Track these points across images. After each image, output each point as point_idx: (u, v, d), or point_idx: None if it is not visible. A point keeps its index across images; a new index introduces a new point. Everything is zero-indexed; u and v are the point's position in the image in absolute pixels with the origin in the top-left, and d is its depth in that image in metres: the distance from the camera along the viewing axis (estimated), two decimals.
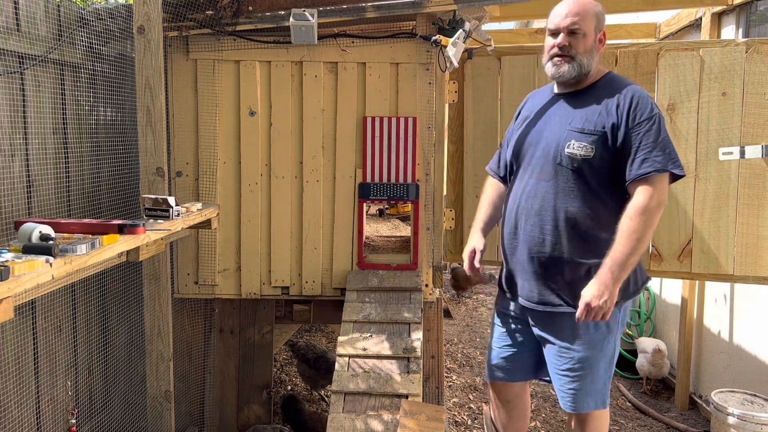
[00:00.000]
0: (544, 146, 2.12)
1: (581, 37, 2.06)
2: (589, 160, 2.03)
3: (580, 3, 2.08)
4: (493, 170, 2.45)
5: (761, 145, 2.85)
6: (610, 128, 2.02)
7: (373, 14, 2.75)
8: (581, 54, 2.07)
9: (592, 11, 2.08)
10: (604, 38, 2.14)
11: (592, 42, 2.08)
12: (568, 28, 2.06)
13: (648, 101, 2.04)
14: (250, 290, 3.03)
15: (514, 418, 2.43)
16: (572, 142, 2.05)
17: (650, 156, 1.97)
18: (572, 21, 2.06)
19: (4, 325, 2.02)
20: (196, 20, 2.76)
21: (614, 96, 2.06)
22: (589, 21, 2.07)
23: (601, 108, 2.05)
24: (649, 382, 4.16)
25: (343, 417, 2.31)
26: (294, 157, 2.97)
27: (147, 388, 2.73)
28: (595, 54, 2.10)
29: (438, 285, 3.04)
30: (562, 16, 2.08)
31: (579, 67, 2.08)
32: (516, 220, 2.18)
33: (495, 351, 2.38)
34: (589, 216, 2.05)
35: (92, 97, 2.54)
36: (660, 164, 1.96)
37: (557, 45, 2.09)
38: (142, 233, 1.96)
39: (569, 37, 2.07)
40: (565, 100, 2.16)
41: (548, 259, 2.10)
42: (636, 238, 1.94)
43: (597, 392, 2.17)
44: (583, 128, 2.05)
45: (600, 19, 2.11)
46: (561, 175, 2.08)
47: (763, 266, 2.91)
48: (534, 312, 2.19)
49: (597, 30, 2.10)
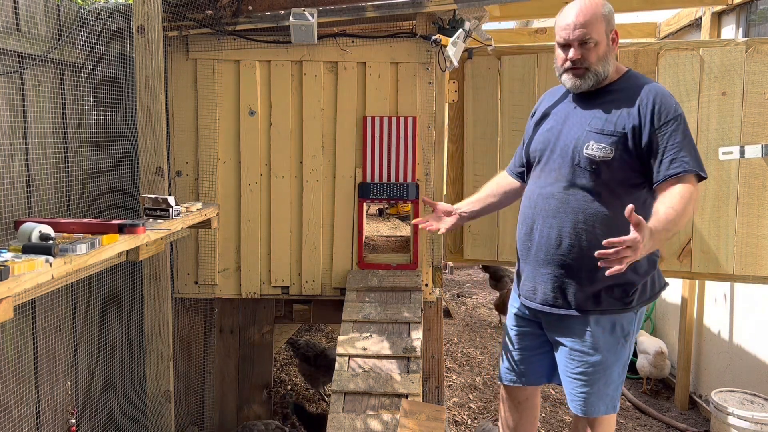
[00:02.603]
0: (561, 147, 2.06)
1: (593, 46, 1.97)
2: (608, 162, 1.97)
3: (587, 9, 1.98)
4: (510, 169, 2.39)
5: (761, 144, 2.85)
6: (630, 129, 1.96)
7: (372, 14, 2.75)
8: (595, 63, 1.99)
9: (600, 15, 1.97)
10: (617, 37, 2.04)
11: (605, 47, 1.99)
12: (578, 40, 1.97)
13: (671, 101, 1.97)
14: (250, 290, 3.03)
15: (524, 421, 2.40)
16: (591, 143, 1.98)
17: (678, 156, 1.91)
18: (582, 33, 1.96)
19: (4, 324, 2.02)
20: (196, 20, 2.76)
21: (636, 96, 1.99)
22: (599, 27, 1.97)
23: (622, 109, 1.99)
24: (649, 382, 4.16)
25: (343, 417, 2.31)
26: (294, 156, 2.97)
27: (147, 387, 2.72)
28: (610, 57, 2.02)
29: (438, 284, 3.04)
30: (570, 27, 1.97)
31: (595, 76, 2.00)
32: (533, 220, 2.12)
33: (508, 353, 2.34)
34: (607, 218, 1.99)
35: (92, 97, 2.54)
36: (689, 165, 1.90)
37: (569, 59, 2.00)
38: (142, 233, 1.96)
39: (581, 49, 1.97)
40: (584, 100, 2.09)
41: (564, 262, 2.05)
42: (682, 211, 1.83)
43: (609, 396, 2.12)
44: (602, 129, 1.99)
45: (609, 19, 2.01)
46: (579, 177, 2.02)
47: (763, 266, 2.91)
48: (548, 315, 2.14)
49: (608, 32, 2.01)
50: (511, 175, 2.38)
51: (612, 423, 2.20)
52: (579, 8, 1.99)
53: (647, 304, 2.14)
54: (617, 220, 1.99)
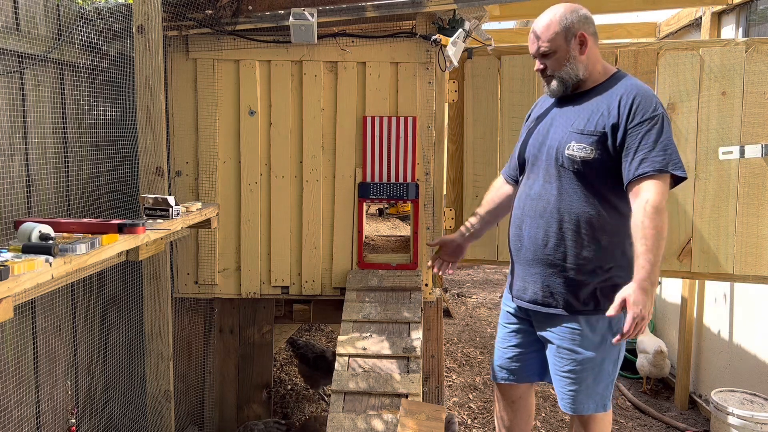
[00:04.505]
0: (547, 149, 2.12)
1: (553, 55, 2.07)
2: (589, 162, 2.01)
3: (544, 20, 2.08)
4: (506, 173, 2.43)
5: (761, 144, 2.84)
6: (610, 128, 1.99)
7: (372, 13, 2.75)
8: (560, 69, 2.08)
9: (556, 24, 2.05)
10: (586, 38, 2.06)
11: (565, 54, 2.06)
12: (538, 53, 2.10)
13: (651, 100, 2.00)
14: (249, 290, 3.03)
15: (519, 420, 2.42)
16: (572, 144, 2.03)
17: (649, 156, 1.93)
18: (538, 46, 2.09)
19: (4, 324, 2.02)
20: (196, 20, 2.76)
21: (617, 95, 2.03)
22: (556, 37, 2.05)
23: (603, 108, 2.03)
24: (648, 382, 4.16)
25: (343, 416, 2.31)
26: (294, 156, 2.97)
27: (147, 387, 2.72)
28: (580, 60, 2.07)
29: (438, 284, 3.04)
30: (531, 41, 2.11)
31: (562, 81, 2.10)
32: (521, 221, 2.17)
33: (500, 351, 2.37)
34: (593, 218, 2.03)
35: (92, 97, 2.54)
36: (659, 164, 1.92)
37: (537, 69, 2.15)
38: (142, 233, 1.96)
39: (543, 60, 2.10)
40: (570, 101, 2.15)
41: (552, 261, 2.09)
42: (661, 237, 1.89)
43: (599, 395, 2.15)
44: (583, 129, 2.03)
45: (569, 26, 2.05)
46: (564, 177, 2.06)
47: (763, 265, 2.91)
48: (537, 313, 2.18)
49: (569, 39, 2.05)
50: (507, 178, 2.42)
51: (606, 422, 2.22)
52: (537, 23, 2.13)
53: None
54: (603, 220, 2.03)
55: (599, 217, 2.03)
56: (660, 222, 1.89)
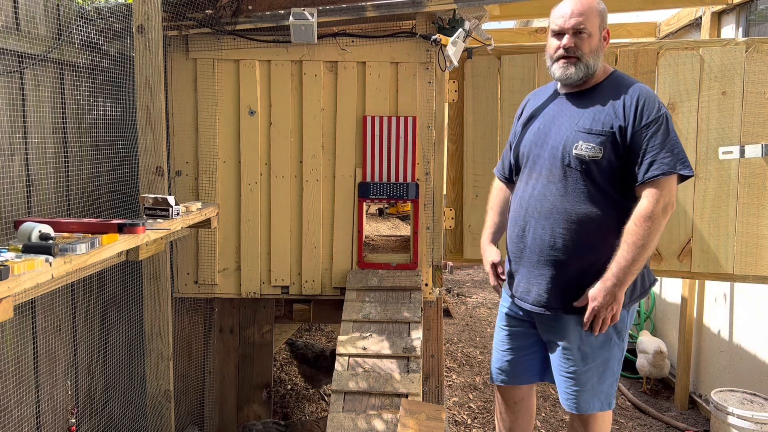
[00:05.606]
0: (551, 148, 2.09)
1: (587, 37, 2.02)
2: (598, 161, 2.00)
3: (583, 1, 2.04)
4: (499, 172, 2.42)
5: (761, 144, 2.84)
6: (618, 129, 1.99)
7: (372, 13, 2.75)
8: (587, 54, 2.03)
9: (596, 9, 2.04)
10: (608, 36, 2.10)
11: (597, 41, 2.04)
12: (573, 29, 2.02)
13: (655, 101, 2.01)
14: (249, 290, 3.03)
15: (520, 421, 2.41)
16: (580, 143, 2.01)
17: (658, 158, 1.94)
18: (577, 21, 2.01)
19: (4, 324, 2.02)
20: (196, 19, 2.76)
21: (620, 96, 2.03)
22: (593, 20, 2.03)
23: (608, 108, 2.02)
24: (648, 382, 4.16)
25: (343, 416, 2.30)
26: (294, 156, 2.97)
27: (147, 387, 2.72)
28: (600, 53, 2.06)
29: (438, 284, 3.04)
30: (566, 16, 2.03)
31: (586, 68, 2.04)
32: (525, 222, 2.14)
33: (499, 353, 2.36)
34: (600, 217, 2.02)
35: (92, 97, 2.54)
36: (668, 166, 1.94)
37: (563, 46, 2.04)
38: (142, 232, 1.96)
39: (574, 38, 2.02)
40: (571, 100, 2.12)
41: (558, 262, 2.07)
42: (641, 245, 1.93)
43: (603, 393, 2.14)
44: (591, 129, 2.02)
45: (603, 17, 2.07)
46: (569, 177, 2.04)
47: (763, 265, 2.91)
48: (541, 315, 2.16)
49: (601, 28, 2.06)
50: (501, 179, 2.41)
51: (607, 420, 2.21)
52: (569, 2, 2.06)
53: (638, 300, 2.16)
54: (609, 220, 2.02)
55: (606, 217, 2.02)
56: (647, 231, 1.93)
